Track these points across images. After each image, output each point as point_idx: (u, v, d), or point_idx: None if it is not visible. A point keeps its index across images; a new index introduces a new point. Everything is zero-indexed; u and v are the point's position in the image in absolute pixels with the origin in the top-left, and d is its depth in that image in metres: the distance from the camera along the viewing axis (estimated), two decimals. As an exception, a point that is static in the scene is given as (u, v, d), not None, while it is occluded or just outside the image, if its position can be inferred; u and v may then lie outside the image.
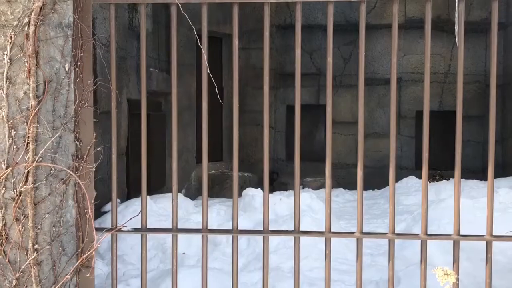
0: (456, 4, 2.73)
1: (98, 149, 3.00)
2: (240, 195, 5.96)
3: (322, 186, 8.89)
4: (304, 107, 7.74)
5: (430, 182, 8.34)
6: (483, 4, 9.78)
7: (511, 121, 9.48)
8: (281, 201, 5.64)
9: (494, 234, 2.79)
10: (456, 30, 2.76)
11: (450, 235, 2.80)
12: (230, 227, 3.57)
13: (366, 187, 8.58)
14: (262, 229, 2.93)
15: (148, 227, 3.01)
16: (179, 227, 4.01)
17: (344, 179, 9.71)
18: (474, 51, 9.90)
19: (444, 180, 8.50)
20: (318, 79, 10.14)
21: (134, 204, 5.17)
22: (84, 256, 2.81)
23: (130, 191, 6.45)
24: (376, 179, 8.91)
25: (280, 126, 10.17)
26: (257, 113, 9.28)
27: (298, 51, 2.80)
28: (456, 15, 2.75)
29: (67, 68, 2.76)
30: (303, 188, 8.88)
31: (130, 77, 6.30)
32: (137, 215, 3.08)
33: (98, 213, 5.06)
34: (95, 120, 2.94)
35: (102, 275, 4.01)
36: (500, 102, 9.72)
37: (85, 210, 2.83)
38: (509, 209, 4.72)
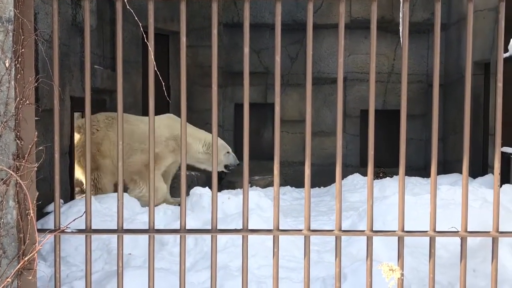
0: (400, 5, 2.79)
1: (40, 148, 2.91)
2: (187, 194, 5.91)
3: (270, 184, 8.94)
4: (252, 106, 7.76)
5: (374, 180, 8.50)
6: (426, 5, 10.06)
7: (452, 119, 9.79)
8: (229, 200, 5.63)
9: (436, 230, 2.86)
10: (400, 31, 2.82)
11: (394, 231, 2.86)
12: (178, 227, 3.54)
13: (313, 185, 8.68)
14: (210, 228, 2.91)
15: (93, 227, 2.94)
16: (125, 227, 3.94)
17: (291, 177, 9.79)
18: (417, 51, 10.17)
19: (388, 178, 8.70)
20: (266, 77, 10.19)
21: (78, 205, 5.06)
22: (26, 259, 2.73)
23: (73, 191, 6.30)
24: (323, 177, 9.03)
25: (228, 125, 10.16)
26: (205, 112, 9.23)
27: (246, 50, 2.80)
28: (400, 15, 2.81)
29: (7, 64, 2.67)
30: (251, 186, 8.90)
31: (74, 74, 6.15)
32: (81, 216, 3.01)
33: (41, 214, 4.92)
34: (36, 118, 2.85)
35: (44, 278, 3.89)
36: (442, 101, 10.02)
37: (27, 211, 2.74)
38: (450, 205, 4.85)
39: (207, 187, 5.90)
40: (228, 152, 7.06)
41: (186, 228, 2.95)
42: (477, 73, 8.65)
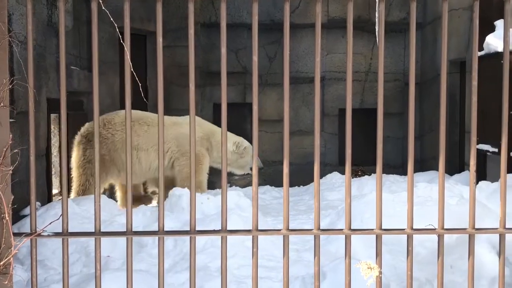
0: (377, 4, 2.81)
1: (15, 150, 2.87)
2: (166, 195, 5.88)
3: (250, 184, 8.92)
4: (231, 105, 7.77)
5: (352, 178, 8.56)
6: (402, 5, 10.14)
7: (428, 118, 9.89)
8: (208, 200, 5.61)
9: (414, 227, 2.88)
10: (376, 30, 2.84)
11: (372, 229, 2.87)
12: (157, 229, 3.51)
13: (292, 184, 8.69)
14: (189, 229, 2.89)
15: (70, 230, 2.91)
16: (103, 229, 3.91)
17: (270, 177, 9.80)
18: (393, 51, 10.25)
19: (366, 176, 8.75)
20: (244, 77, 10.19)
21: (55, 207, 4.99)
22: (2, 263, 2.68)
23: (51, 194, 6.22)
24: (302, 176, 9.05)
25: (207, 125, 10.13)
26: (183, 112, 9.19)
27: (223, 50, 2.79)
28: (376, 15, 2.82)
29: (-20, 66, 2.62)
30: (230, 186, 8.88)
31: (50, 75, 6.07)
32: (57, 219, 2.97)
33: (17, 217, 4.85)
34: (11, 120, 2.81)
35: (21, 282, 3.83)
36: (418, 100, 10.12)
37: (2, 215, 2.70)
38: (427, 203, 4.89)
39: (186, 188, 5.86)
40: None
41: (165, 229, 2.93)
42: (452, 71, 8.75)
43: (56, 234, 2.85)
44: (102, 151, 6.39)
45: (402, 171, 9.45)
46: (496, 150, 6.71)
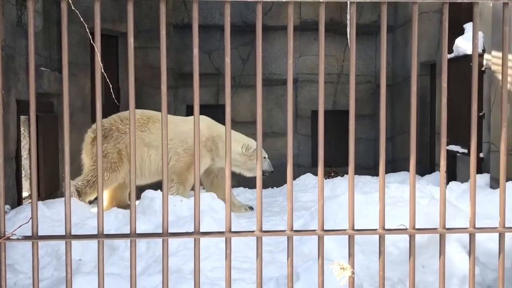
0: (348, 7, 2.83)
1: (-17, 153, 2.80)
2: (138, 197, 5.84)
3: (234, 186, 8.91)
4: (204, 107, 7.74)
5: (325, 179, 8.61)
6: (373, 8, 10.24)
7: (400, 119, 10.01)
8: (181, 202, 5.58)
9: (386, 227, 2.91)
10: (348, 32, 2.85)
11: (345, 230, 2.89)
12: (129, 231, 3.48)
13: (265, 185, 8.71)
14: (161, 231, 2.87)
15: (40, 233, 2.86)
16: (74, 232, 3.85)
17: (244, 178, 9.79)
18: (365, 53, 10.34)
19: (339, 177, 8.81)
20: (217, 79, 10.17)
21: (25, 210, 4.91)
22: (-31, 268, 2.62)
23: (21, 197, 6.12)
24: (275, 177, 9.06)
25: (180, 127, 10.08)
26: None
27: (195, 51, 2.77)
28: (348, 17, 2.84)
29: None
30: (204, 188, 8.85)
31: (19, 76, 5.97)
32: (27, 222, 2.92)
33: (-14, 221, 4.74)
34: (-21, 122, 2.74)
35: (-10, 287, 3.76)
36: (390, 101, 10.23)
37: (-31, 219, 2.64)
38: (399, 203, 4.94)
39: (159, 190, 5.82)
40: (264, 158, 7.12)
41: (137, 232, 2.90)
42: (423, 73, 8.87)
43: (26, 238, 2.80)
44: (119, 145, 6.60)
45: (374, 172, 9.53)
46: (465, 151, 6.82)
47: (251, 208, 7.09)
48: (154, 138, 6.66)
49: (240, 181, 9.64)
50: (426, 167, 8.84)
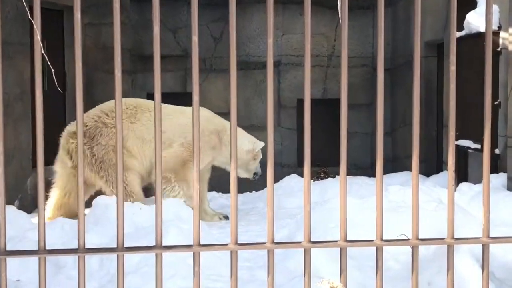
0: (338, -25, 2.83)
1: None
2: (90, 205, 5.79)
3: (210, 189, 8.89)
4: (169, 96, 7.68)
5: (314, 181, 8.63)
6: (370, -23, 10.30)
7: (402, 109, 10.07)
8: (141, 210, 5.56)
9: (384, 238, 2.92)
10: (339, 5, 2.85)
11: (336, 241, 2.89)
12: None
13: (242, 189, 8.70)
14: (116, 245, 2.85)
15: (-31, 250, 2.81)
16: (12, 248, 3.81)
17: (217, 181, 9.76)
18: (361, 31, 10.39)
19: (329, 178, 8.84)
20: (185, 62, 10.12)
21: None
22: None
23: None
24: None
25: (140, 119, 10.03)
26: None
27: (156, 29, 2.75)
28: (338, -12, 2.84)
29: None
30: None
31: None
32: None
33: None
34: None
35: None
36: (389, 88, 10.29)
37: None
38: (400, 209, 4.97)
39: (114, 196, 5.79)
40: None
41: (87, 246, 2.87)
42: (429, 55, 8.94)
43: (-49, 255, 2.76)
44: (113, 141, 6.68)
45: (372, 172, 9.59)
46: (478, 146, 6.89)
47: (226, 218, 7.11)
48: (147, 131, 6.77)
49: (212, 184, 9.63)
50: (432, 166, 8.92)
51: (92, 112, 6.88)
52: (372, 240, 2.90)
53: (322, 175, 9.59)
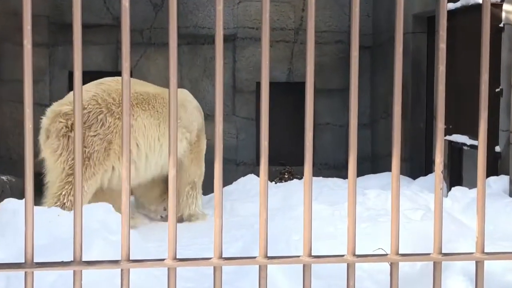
0: None
1: None
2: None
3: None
4: (97, 75, 7.61)
5: (276, 183, 8.66)
6: None
7: (384, 96, 10.13)
8: (59, 217, 5.52)
9: (359, 253, 2.94)
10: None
11: (299, 256, 2.91)
12: (-24, 260, 3.40)
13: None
14: (24, 261, 2.82)
15: None
16: None
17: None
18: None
19: (295, 180, 8.88)
20: (116, 33, 10.03)
21: None
22: None
23: None
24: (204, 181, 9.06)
25: (60, 104, 9.93)
26: (22, 83, 8.95)
27: (77, -11, 2.72)
28: None
29: None
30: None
31: None
32: None
33: None
34: None
35: None
36: (370, 71, 10.37)
37: None
38: (380, 218, 5.03)
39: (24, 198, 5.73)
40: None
41: (-12, 262, 2.83)
42: (417, 30, 9.01)
43: None
44: (110, 136, 6.90)
45: (347, 173, 9.66)
46: (475, 143, 6.98)
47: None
48: (163, 119, 7.09)
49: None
50: (420, 166, 9.01)
51: (93, 90, 6.91)
52: (343, 256, 2.92)
53: (286, 176, 9.62)
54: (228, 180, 7.34)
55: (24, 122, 2.69)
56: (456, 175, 7.52)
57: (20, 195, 6.73)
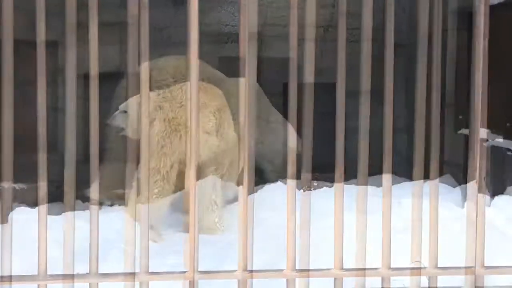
0: None
1: None
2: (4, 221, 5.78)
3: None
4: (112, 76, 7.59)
5: (305, 190, 8.62)
6: None
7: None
8: (74, 228, 5.55)
9: (393, 266, 2.94)
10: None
11: (329, 269, 2.91)
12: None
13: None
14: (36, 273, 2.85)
15: None
16: None
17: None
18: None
19: (325, 188, 8.82)
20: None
21: None
22: None
23: None
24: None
25: None
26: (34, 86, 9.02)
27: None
28: None
29: None
30: (111, 205, 8.79)
31: None
32: None
33: None
34: None
35: None
36: (405, 70, 10.32)
37: None
38: (418, 228, 4.99)
39: (37, 208, 5.76)
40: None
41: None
42: (459, 27, 8.93)
43: None
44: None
45: (381, 180, 9.62)
46: (520, 147, 6.92)
47: None
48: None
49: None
50: (460, 173, 8.93)
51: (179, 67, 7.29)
52: (377, 269, 2.92)
53: (315, 184, 9.58)
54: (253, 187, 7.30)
55: (38, 127, 2.73)
56: (500, 183, 7.46)
57: (33, 203, 6.79)
